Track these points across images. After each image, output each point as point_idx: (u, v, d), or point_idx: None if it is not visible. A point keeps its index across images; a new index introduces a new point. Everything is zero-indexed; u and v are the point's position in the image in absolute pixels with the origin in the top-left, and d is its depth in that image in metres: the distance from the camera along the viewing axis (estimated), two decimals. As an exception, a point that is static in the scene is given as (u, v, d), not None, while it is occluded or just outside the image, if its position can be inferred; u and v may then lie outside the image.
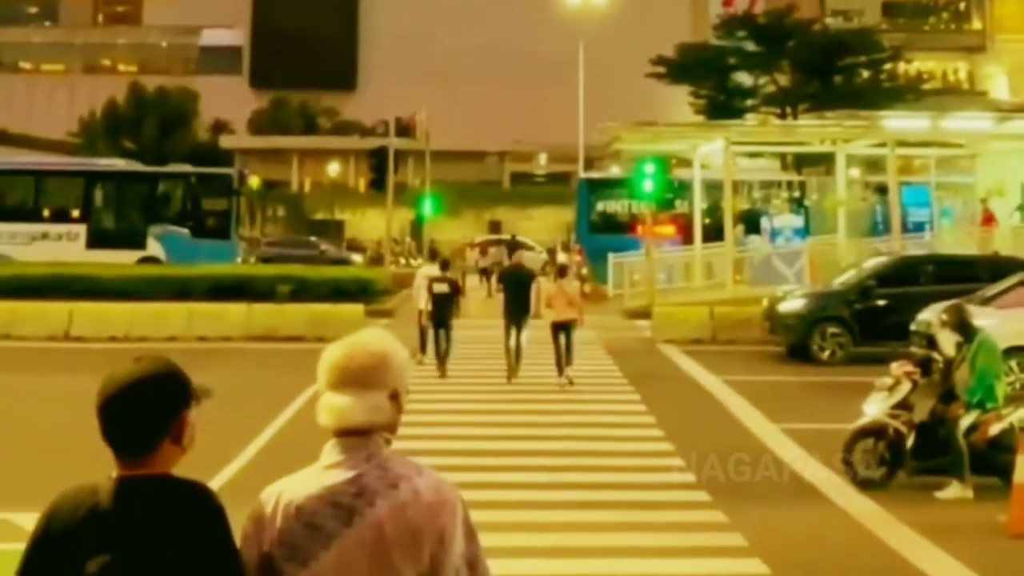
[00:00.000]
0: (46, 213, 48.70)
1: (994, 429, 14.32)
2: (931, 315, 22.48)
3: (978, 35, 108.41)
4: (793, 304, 29.83)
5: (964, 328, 15.19)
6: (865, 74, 79.89)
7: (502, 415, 20.10)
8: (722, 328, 32.30)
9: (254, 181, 52.33)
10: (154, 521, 3.74)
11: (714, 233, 43.23)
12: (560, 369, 24.12)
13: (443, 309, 25.95)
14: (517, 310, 25.12)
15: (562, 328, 24.38)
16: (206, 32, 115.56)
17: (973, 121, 44.33)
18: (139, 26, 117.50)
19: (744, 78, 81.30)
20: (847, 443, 15.01)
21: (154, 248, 46.95)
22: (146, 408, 3.79)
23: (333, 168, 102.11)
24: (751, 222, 46.10)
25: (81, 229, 47.56)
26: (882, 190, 45.79)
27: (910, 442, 14.72)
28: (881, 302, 28.64)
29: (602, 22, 72.03)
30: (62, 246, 46.00)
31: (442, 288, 26.30)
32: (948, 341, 15.63)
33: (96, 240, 47.01)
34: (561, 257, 47.37)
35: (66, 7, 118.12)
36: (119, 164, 54.61)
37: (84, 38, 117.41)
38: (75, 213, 48.68)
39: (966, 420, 14.45)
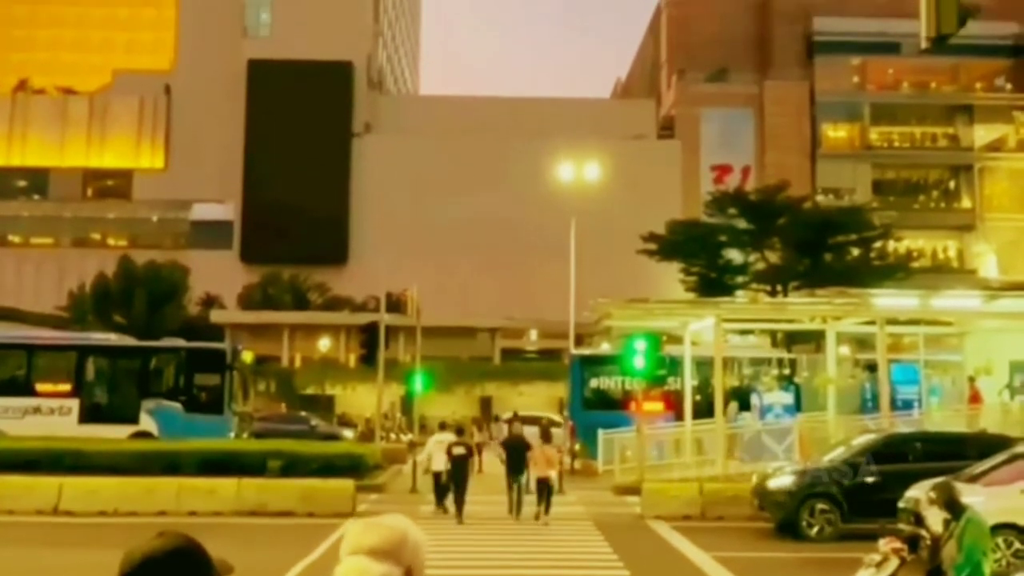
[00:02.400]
0: (38, 387, 48.47)
1: (981, 605, 14.35)
2: (919, 492, 22.52)
3: (968, 214, 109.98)
4: (782, 480, 29.84)
5: (952, 506, 15.28)
6: (855, 252, 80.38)
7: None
8: (711, 504, 32.27)
9: (247, 356, 52.11)
10: None
11: (705, 409, 43.35)
12: (538, 503, 30.33)
13: (461, 468, 30.92)
14: (517, 470, 30.97)
15: (542, 483, 30.57)
16: (196, 207, 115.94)
17: (962, 300, 44.60)
18: (129, 200, 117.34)
19: (735, 255, 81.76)
20: (836, 620, 15.04)
21: (147, 423, 46.62)
22: None
23: (324, 343, 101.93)
24: (742, 399, 46.17)
25: (74, 403, 47.22)
26: (871, 367, 45.92)
27: (898, 619, 14.73)
28: (870, 479, 28.64)
29: (594, 198, 72.57)
30: (54, 420, 45.75)
31: (460, 451, 31.29)
32: (936, 518, 15.72)
33: (89, 414, 46.77)
34: (558, 433, 47.64)
35: (56, 181, 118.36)
36: (112, 338, 54.60)
37: (74, 212, 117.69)
38: (68, 387, 48.45)
39: (953, 597, 14.50)
